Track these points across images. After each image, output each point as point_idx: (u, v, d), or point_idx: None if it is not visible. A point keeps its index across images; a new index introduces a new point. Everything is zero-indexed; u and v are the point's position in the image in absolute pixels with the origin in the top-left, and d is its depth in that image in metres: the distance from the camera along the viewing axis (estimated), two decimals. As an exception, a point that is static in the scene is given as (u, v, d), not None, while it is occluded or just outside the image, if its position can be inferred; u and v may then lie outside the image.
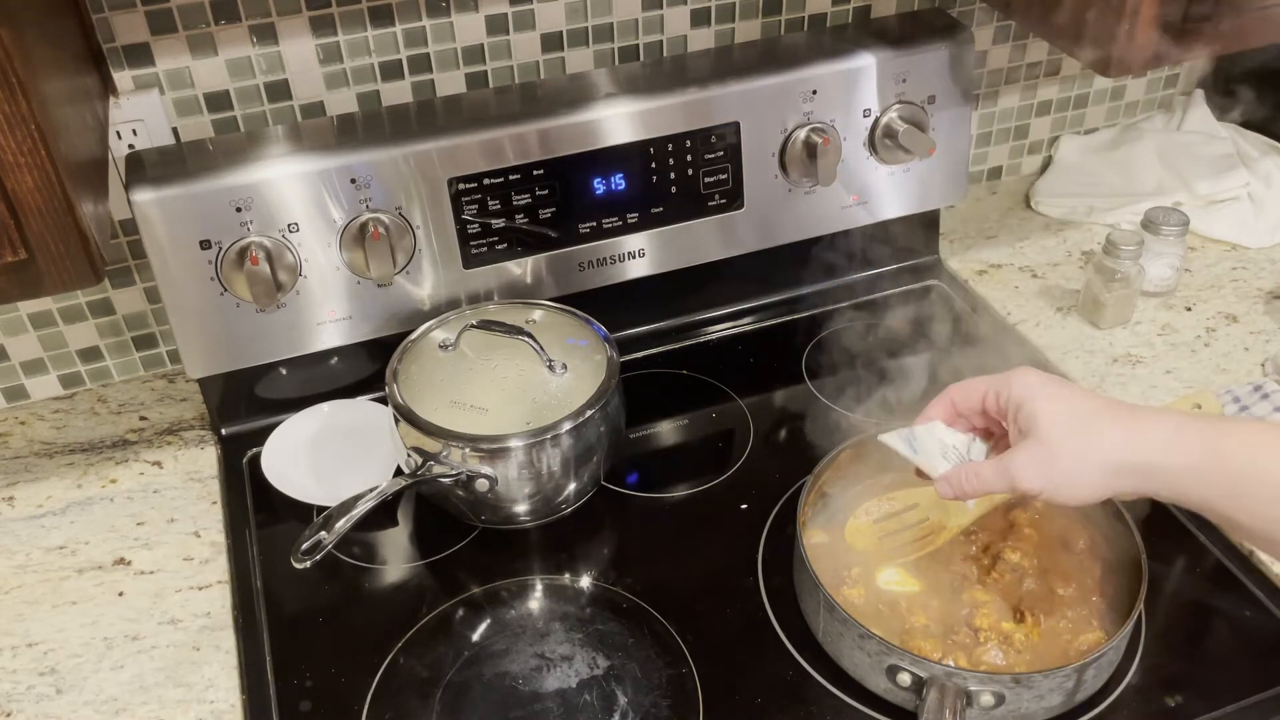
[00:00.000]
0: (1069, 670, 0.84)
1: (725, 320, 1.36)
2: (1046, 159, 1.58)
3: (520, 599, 1.02)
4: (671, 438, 1.21)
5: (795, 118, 1.19)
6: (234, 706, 0.93)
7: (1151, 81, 1.57)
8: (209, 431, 1.21)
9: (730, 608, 1.00)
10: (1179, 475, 0.75)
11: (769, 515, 1.09)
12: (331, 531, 0.93)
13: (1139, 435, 0.76)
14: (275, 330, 1.13)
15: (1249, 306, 1.31)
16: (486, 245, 1.16)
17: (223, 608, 1.02)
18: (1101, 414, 0.77)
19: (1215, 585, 1.01)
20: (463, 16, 1.17)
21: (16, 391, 1.26)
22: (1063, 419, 0.78)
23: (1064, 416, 0.78)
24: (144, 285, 1.24)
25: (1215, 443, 0.74)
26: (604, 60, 1.25)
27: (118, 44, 1.08)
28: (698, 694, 0.92)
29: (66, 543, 1.09)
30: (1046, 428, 0.78)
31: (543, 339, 1.04)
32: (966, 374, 0.87)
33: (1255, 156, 1.49)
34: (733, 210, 1.22)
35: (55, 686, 0.96)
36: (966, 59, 1.23)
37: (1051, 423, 0.78)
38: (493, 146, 1.11)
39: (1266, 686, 0.92)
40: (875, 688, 0.91)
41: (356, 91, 1.18)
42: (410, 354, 1.08)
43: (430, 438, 1.00)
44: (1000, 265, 1.41)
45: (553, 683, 0.94)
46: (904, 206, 1.31)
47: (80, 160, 0.86)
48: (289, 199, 1.07)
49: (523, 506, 1.05)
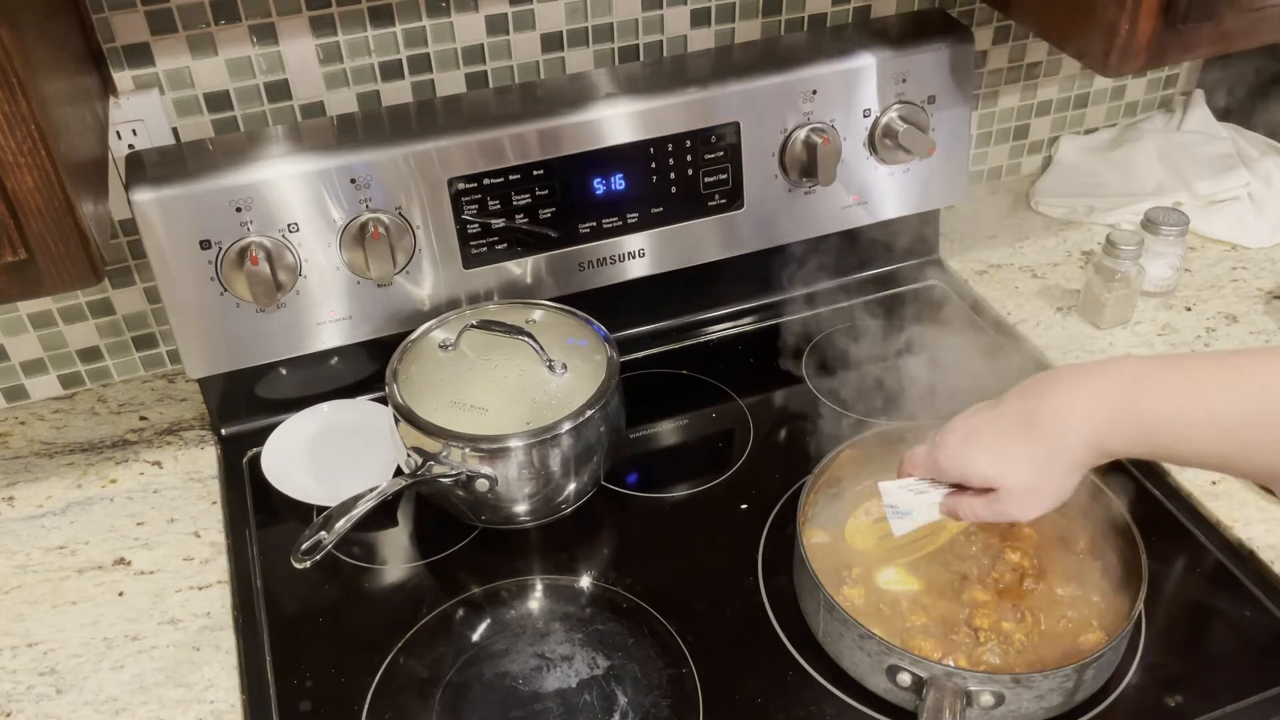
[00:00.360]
0: (1069, 670, 0.84)
1: (725, 320, 1.36)
2: (1046, 159, 1.58)
3: (520, 599, 1.02)
4: (671, 438, 1.21)
5: (795, 118, 1.19)
6: (234, 706, 0.93)
7: (1151, 81, 1.57)
8: (209, 431, 1.21)
9: (730, 608, 1.00)
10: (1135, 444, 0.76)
11: (769, 515, 1.09)
12: (331, 531, 0.93)
13: (1083, 427, 0.76)
14: (275, 330, 1.13)
15: (1249, 306, 1.31)
16: (486, 245, 1.16)
17: (223, 608, 1.02)
18: (1031, 429, 0.78)
19: (1215, 585, 1.01)
20: (463, 16, 1.17)
21: (16, 391, 1.26)
22: (1015, 465, 0.79)
23: (1014, 463, 0.79)
24: (144, 285, 1.24)
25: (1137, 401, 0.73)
26: (604, 60, 1.25)
27: (118, 44, 1.08)
28: (698, 694, 0.92)
29: (66, 543, 1.09)
30: (1009, 482, 0.80)
31: (543, 339, 1.04)
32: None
33: (1255, 156, 1.49)
34: (733, 210, 1.22)
35: (55, 686, 0.96)
36: (966, 59, 1.23)
37: (1006, 472, 0.79)
38: (493, 146, 1.11)
39: (1266, 686, 0.92)
40: (875, 688, 0.91)
41: (356, 91, 1.18)
42: (410, 354, 1.08)
43: (430, 438, 1.00)
44: (1000, 265, 1.41)
45: (553, 683, 0.94)
46: (904, 206, 1.31)
47: (80, 160, 0.86)
48: (289, 199, 1.07)
49: (523, 506, 1.05)
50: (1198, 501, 1.07)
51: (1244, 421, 0.70)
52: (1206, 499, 1.07)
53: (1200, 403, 0.71)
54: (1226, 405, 0.71)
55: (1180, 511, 1.07)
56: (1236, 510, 1.05)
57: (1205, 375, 0.72)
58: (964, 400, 1.18)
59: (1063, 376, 0.78)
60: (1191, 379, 0.72)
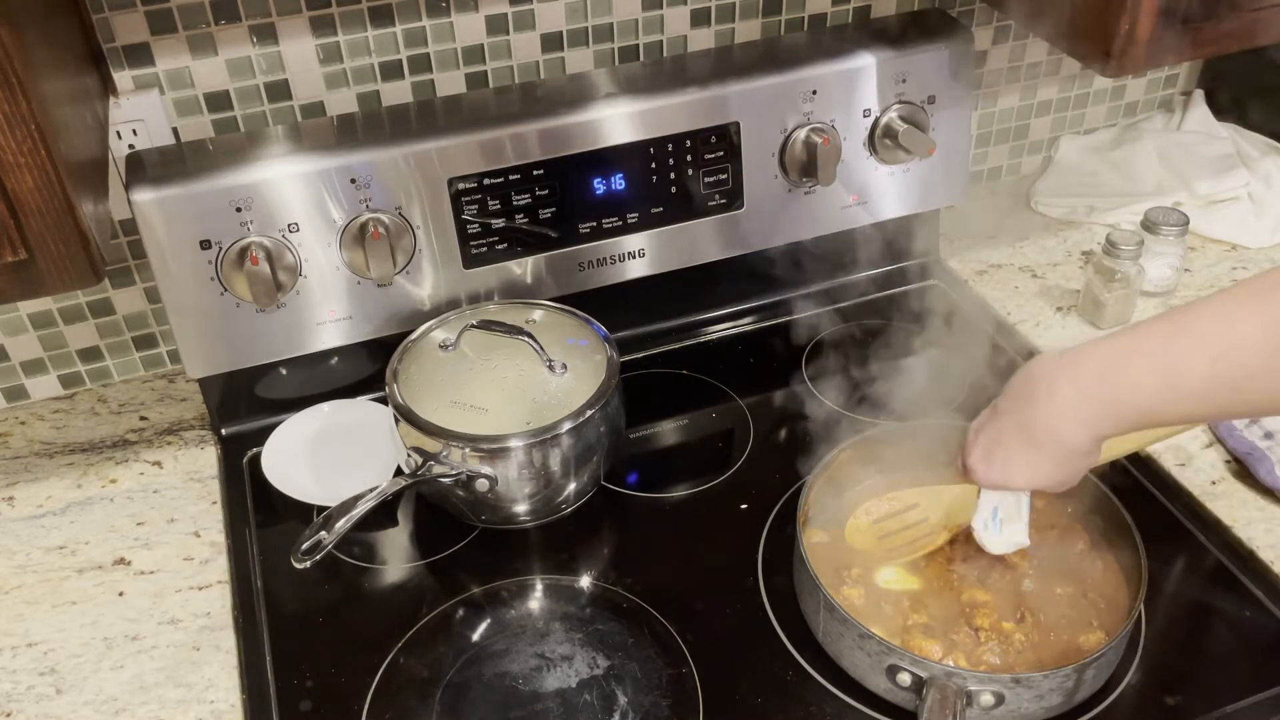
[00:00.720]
0: (1069, 670, 0.84)
1: (725, 320, 1.36)
2: (1046, 159, 1.58)
3: (520, 599, 1.02)
4: (671, 438, 1.21)
5: (795, 118, 1.19)
6: (234, 706, 0.93)
7: (1151, 81, 1.57)
8: (209, 431, 1.21)
9: (730, 608, 1.00)
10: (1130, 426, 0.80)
11: (769, 515, 1.09)
12: (331, 531, 0.93)
13: (1077, 428, 0.80)
14: (275, 330, 1.13)
15: (1249, 306, 1.31)
16: (486, 245, 1.16)
17: (223, 608, 1.02)
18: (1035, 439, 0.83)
19: (1215, 585, 1.01)
20: (463, 16, 1.17)
21: (16, 391, 1.26)
22: (1039, 470, 0.85)
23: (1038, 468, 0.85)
24: (144, 285, 1.24)
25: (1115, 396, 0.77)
26: (604, 60, 1.25)
27: (118, 44, 1.08)
28: (698, 694, 0.92)
29: (66, 543, 1.09)
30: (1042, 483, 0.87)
31: (543, 339, 1.04)
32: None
33: (1255, 156, 1.49)
34: (733, 210, 1.22)
35: (55, 686, 0.96)
36: (966, 59, 1.23)
37: (1036, 477, 0.86)
38: (493, 146, 1.11)
39: (1266, 686, 0.92)
40: (875, 688, 0.91)
41: (356, 91, 1.18)
42: (410, 354, 1.08)
43: (430, 438, 1.00)
44: (1000, 265, 1.41)
45: (553, 683, 0.94)
46: (904, 206, 1.31)
47: (80, 160, 0.86)
48: (289, 199, 1.07)
49: (523, 506, 1.05)
50: (1198, 501, 1.07)
51: (1209, 377, 0.73)
52: (1206, 499, 1.07)
53: (1166, 377, 0.74)
54: (1190, 369, 0.73)
55: (1180, 511, 1.07)
56: (1236, 510, 1.05)
57: (1161, 346, 0.75)
58: (964, 400, 1.19)
59: (1040, 380, 0.82)
60: (1155, 359, 0.75)
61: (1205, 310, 0.73)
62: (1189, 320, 0.74)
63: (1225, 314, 0.72)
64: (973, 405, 1.18)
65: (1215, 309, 0.72)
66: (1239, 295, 0.72)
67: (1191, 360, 0.72)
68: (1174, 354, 0.73)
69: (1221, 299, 0.73)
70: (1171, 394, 0.74)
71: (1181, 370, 0.73)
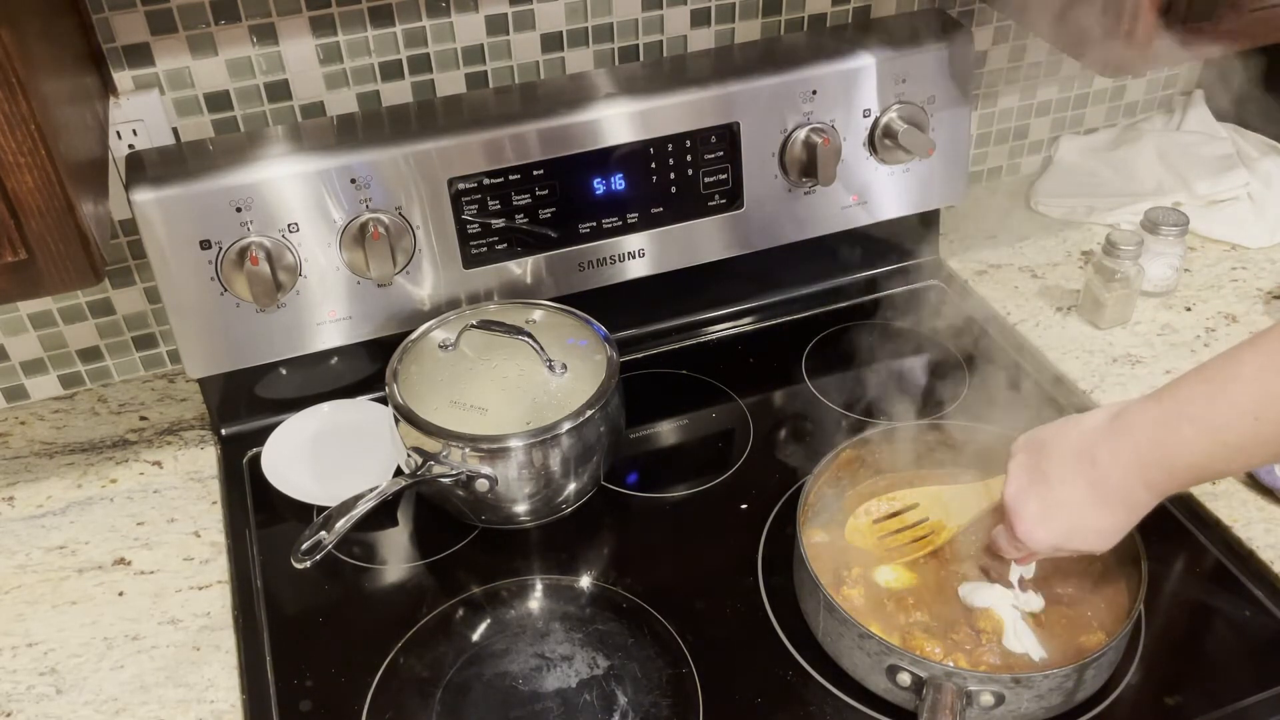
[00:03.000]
0: (1069, 670, 0.84)
1: (725, 320, 1.36)
2: (1046, 159, 1.58)
3: (520, 599, 1.02)
4: (671, 438, 1.21)
5: (795, 118, 1.19)
6: (234, 706, 0.93)
7: (1151, 81, 1.57)
8: (209, 431, 1.21)
9: (730, 608, 1.00)
10: (1180, 486, 0.83)
11: (769, 515, 1.09)
12: (331, 531, 0.93)
13: (1133, 495, 0.82)
14: (275, 330, 1.13)
15: (1249, 306, 1.31)
16: (486, 245, 1.16)
17: (223, 608, 1.02)
18: (1098, 500, 0.84)
19: (1215, 585, 1.01)
20: (463, 16, 1.17)
21: (16, 391, 1.26)
22: (1103, 535, 0.85)
23: (1102, 533, 0.85)
24: (144, 285, 1.24)
25: (1166, 467, 0.80)
26: (604, 60, 1.25)
27: (118, 44, 1.08)
28: (698, 694, 0.92)
29: (66, 543, 1.09)
30: (1103, 546, 0.87)
31: (543, 339, 1.04)
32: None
33: (1255, 156, 1.49)
34: (733, 210, 1.22)
35: (55, 686, 0.96)
36: (966, 59, 1.23)
37: (1100, 542, 0.86)
38: (493, 146, 1.11)
39: (1266, 686, 0.92)
40: (875, 688, 0.91)
41: (356, 91, 1.18)
42: (410, 354, 1.08)
43: (430, 438, 1.00)
44: (1000, 265, 1.41)
45: (553, 683, 0.94)
46: (904, 206, 1.31)
47: (80, 160, 0.86)
48: (289, 199, 1.07)
49: (523, 506, 1.05)
50: (1198, 502, 1.07)
51: (1255, 433, 0.75)
52: (1206, 499, 1.07)
53: (1215, 437, 0.77)
54: (1235, 428, 0.76)
55: (1180, 511, 1.07)
56: (1237, 510, 1.05)
57: (1204, 410, 0.77)
58: (963, 400, 1.19)
59: (1101, 448, 0.83)
60: (1200, 423, 0.77)
61: (1240, 367, 0.76)
62: (1224, 378, 0.77)
63: (1258, 370, 0.74)
64: (973, 405, 1.18)
65: (1249, 367, 0.75)
66: (1269, 348, 0.74)
67: (1236, 420, 0.75)
68: (1219, 416, 0.76)
69: (1253, 354, 0.75)
70: (1223, 450, 0.77)
71: (1230, 430, 0.76)
